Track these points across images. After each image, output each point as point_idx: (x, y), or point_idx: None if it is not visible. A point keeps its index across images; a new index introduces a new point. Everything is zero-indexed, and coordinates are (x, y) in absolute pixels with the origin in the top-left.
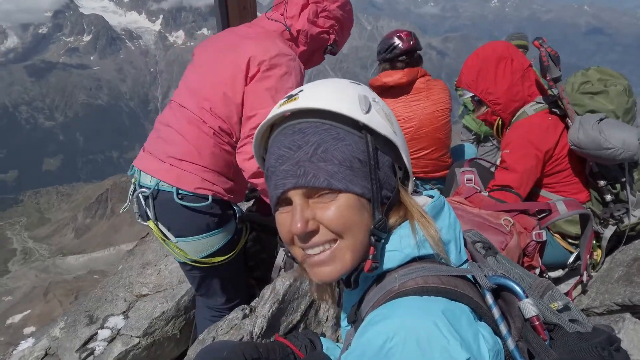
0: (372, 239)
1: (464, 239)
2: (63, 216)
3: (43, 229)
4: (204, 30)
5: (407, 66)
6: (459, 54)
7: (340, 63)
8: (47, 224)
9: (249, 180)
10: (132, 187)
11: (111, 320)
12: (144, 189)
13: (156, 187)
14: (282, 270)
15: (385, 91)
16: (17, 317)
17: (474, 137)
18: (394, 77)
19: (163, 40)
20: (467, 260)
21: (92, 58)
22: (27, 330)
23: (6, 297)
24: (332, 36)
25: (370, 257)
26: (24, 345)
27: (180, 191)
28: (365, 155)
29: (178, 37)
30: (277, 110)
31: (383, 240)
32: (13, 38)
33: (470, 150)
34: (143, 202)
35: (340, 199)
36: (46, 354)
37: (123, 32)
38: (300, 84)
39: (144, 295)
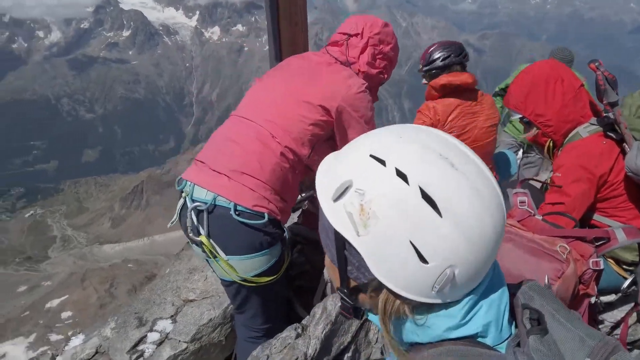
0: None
1: (514, 300)
2: (100, 206)
3: (81, 217)
4: (239, 27)
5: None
6: (497, 52)
7: None
8: (85, 212)
9: None
10: (181, 200)
11: (160, 323)
12: (198, 203)
13: (213, 202)
14: (326, 293)
15: (449, 91)
16: (55, 302)
17: (517, 145)
18: (461, 77)
19: (199, 35)
20: (509, 336)
21: (130, 53)
22: (65, 314)
23: (46, 282)
24: (386, 75)
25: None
26: (75, 341)
27: (238, 207)
28: (333, 234)
29: (214, 32)
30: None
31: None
32: (56, 32)
33: (511, 158)
34: (195, 218)
35: (327, 256)
36: (97, 352)
37: (161, 28)
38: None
39: (191, 301)
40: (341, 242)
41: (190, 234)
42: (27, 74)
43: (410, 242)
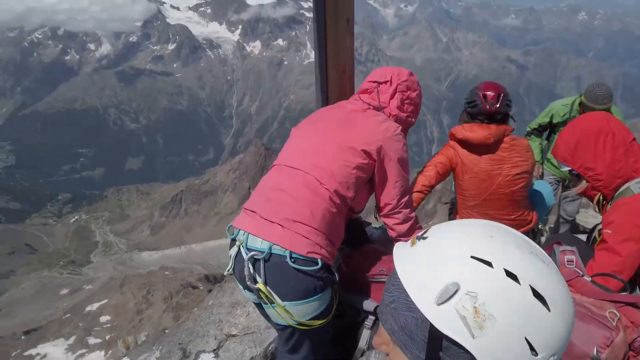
0: None
1: None
2: (141, 213)
3: (123, 224)
4: (280, 41)
5: (498, 123)
6: (541, 68)
7: None
8: (126, 219)
9: (395, 237)
10: (234, 249)
11: (203, 357)
12: (255, 252)
13: (269, 251)
14: (365, 350)
15: (467, 145)
16: (95, 306)
17: (556, 181)
18: (478, 134)
19: (241, 49)
20: None
21: (175, 66)
22: (103, 318)
23: (87, 286)
24: (413, 119)
25: None
26: None
27: (293, 255)
28: (426, 336)
29: (255, 47)
30: (407, 248)
31: None
32: (106, 45)
33: (546, 189)
34: (252, 266)
35: (396, 351)
36: None
37: (204, 42)
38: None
39: (233, 336)
40: (438, 345)
41: (248, 282)
42: (78, 84)
43: (525, 338)
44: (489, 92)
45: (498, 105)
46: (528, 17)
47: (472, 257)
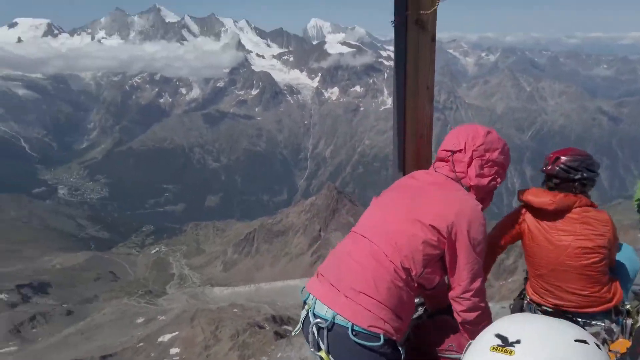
0: None
1: None
2: (215, 249)
3: (198, 258)
4: (357, 88)
5: (561, 190)
6: (635, 120)
7: (494, 124)
8: (202, 254)
9: (462, 323)
10: (304, 312)
11: None
12: (320, 320)
13: (332, 320)
14: None
15: (533, 211)
16: (166, 337)
17: None
18: (540, 198)
19: (319, 95)
20: None
21: (256, 109)
22: (173, 350)
23: (161, 317)
24: (499, 179)
25: None
26: None
27: (355, 327)
28: None
29: (333, 93)
30: (486, 354)
31: None
32: (196, 90)
33: (628, 254)
34: (316, 332)
35: None
36: None
37: (285, 88)
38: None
39: None
40: None
41: (311, 348)
42: (169, 125)
43: None
44: (552, 154)
45: (550, 167)
46: (621, 67)
47: (575, 340)
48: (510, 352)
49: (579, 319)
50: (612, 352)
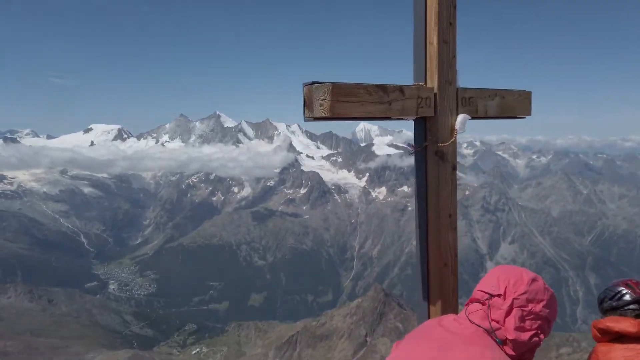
0: None
1: None
2: (256, 352)
3: None
4: (405, 188)
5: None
6: None
7: (550, 227)
8: (242, 357)
9: None
10: None
11: None
12: None
13: None
14: None
15: (613, 337)
16: None
17: None
18: (620, 324)
19: (366, 195)
20: None
21: (304, 208)
22: None
23: None
24: (542, 336)
25: None
26: None
27: None
28: None
29: (380, 192)
30: None
31: None
32: (247, 188)
33: None
34: None
35: None
36: None
37: (333, 187)
38: None
39: None
40: None
41: None
42: (219, 222)
43: None
44: (630, 281)
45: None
46: None
47: None
48: None
49: None
50: None
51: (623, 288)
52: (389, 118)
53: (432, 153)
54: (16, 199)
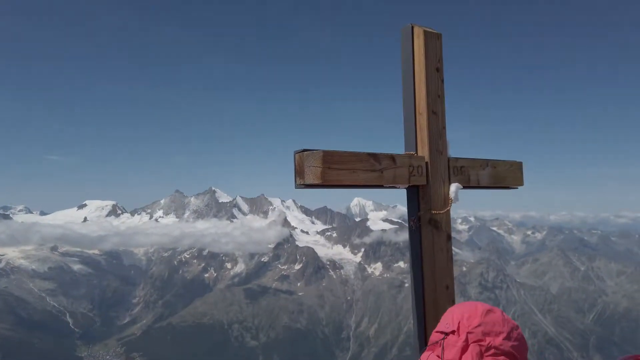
0: None
1: None
2: None
3: None
4: (401, 264)
5: None
6: None
7: (549, 304)
8: None
9: None
10: None
11: None
12: None
13: None
14: None
15: None
16: None
17: None
18: None
19: (362, 270)
20: None
21: (299, 284)
22: None
23: None
24: None
25: None
26: None
27: None
28: None
29: (376, 268)
30: None
31: None
32: (241, 265)
33: None
34: None
35: None
36: None
37: (328, 263)
38: None
39: None
40: None
41: None
42: (210, 299)
43: None
44: (637, 356)
45: None
46: None
47: None
48: None
49: None
50: None
51: None
52: (381, 186)
53: (426, 222)
54: (3, 277)
